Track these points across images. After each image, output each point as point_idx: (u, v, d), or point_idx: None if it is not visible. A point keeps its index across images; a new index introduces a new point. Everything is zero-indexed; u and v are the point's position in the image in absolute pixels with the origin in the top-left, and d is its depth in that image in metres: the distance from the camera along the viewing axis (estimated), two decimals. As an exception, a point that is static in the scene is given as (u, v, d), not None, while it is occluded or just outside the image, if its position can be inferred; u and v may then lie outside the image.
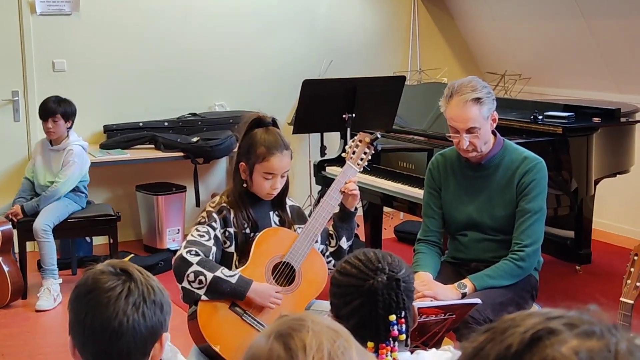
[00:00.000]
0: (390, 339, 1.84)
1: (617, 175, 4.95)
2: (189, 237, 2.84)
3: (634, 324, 2.50)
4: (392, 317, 1.84)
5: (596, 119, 4.59)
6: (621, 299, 2.51)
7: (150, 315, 1.60)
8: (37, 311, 4.68)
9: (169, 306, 1.66)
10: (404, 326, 1.85)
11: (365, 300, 1.84)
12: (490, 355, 0.78)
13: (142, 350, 1.62)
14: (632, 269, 2.52)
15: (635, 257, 2.53)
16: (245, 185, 2.93)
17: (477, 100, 3.05)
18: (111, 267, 1.64)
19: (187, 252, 2.76)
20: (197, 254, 2.76)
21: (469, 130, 3.07)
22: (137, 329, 1.59)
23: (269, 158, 2.85)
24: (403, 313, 1.85)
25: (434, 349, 2.10)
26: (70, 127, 5.01)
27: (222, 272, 2.76)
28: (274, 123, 2.95)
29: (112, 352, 1.60)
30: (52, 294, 4.76)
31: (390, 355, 1.83)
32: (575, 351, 0.74)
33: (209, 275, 2.73)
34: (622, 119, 4.78)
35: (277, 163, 2.86)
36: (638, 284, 2.50)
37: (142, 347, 1.61)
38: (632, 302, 2.50)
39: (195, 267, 2.73)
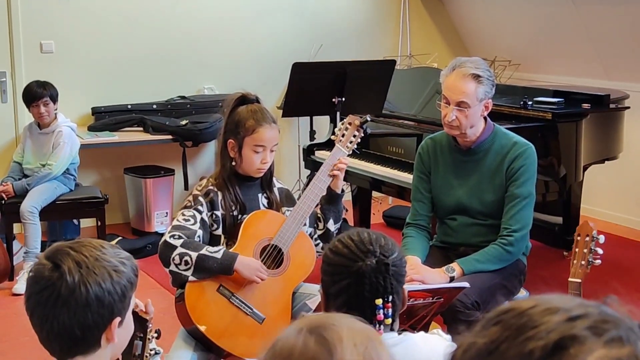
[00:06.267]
0: (376, 322, 1.84)
1: (606, 162, 4.95)
2: (174, 222, 2.84)
3: None
4: (379, 301, 1.83)
5: (586, 105, 4.58)
6: (569, 279, 2.60)
7: (82, 314, 1.54)
8: (14, 295, 4.60)
9: (115, 294, 1.57)
10: (390, 310, 1.85)
11: (353, 281, 1.84)
12: (509, 358, 0.76)
13: (85, 343, 1.59)
14: (576, 249, 2.62)
15: (579, 238, 2.62)
16: (234, 164, 2.92)
17: (477, 77, 3.06)
18: (48, 259, 1.58)
19: (170, 237, 2.76)
20: (180, 237, 2.75)
21: (459, 105, 3.07)
22: (70, 330, 1.56)
23: (259, 129, 2.86)
24: (390, 297, 1.85)
25: (422, 332, 2.10)
26: (56, 109, 4.99)
27: (206, 250, 2.76)
28: (258, 100, 2.97)
29: (55, 349, 1.60)
30: None
31: None
32: None
33: (194, 255, 2.73)
34: (612, 106, 4.78)
35: (266, 134, 2.87)
36: (583, 262, 2.61)
37: (83, 342, 1.58)
38: (579, 280, 2.60)
39: (179, 250, 2.73)
